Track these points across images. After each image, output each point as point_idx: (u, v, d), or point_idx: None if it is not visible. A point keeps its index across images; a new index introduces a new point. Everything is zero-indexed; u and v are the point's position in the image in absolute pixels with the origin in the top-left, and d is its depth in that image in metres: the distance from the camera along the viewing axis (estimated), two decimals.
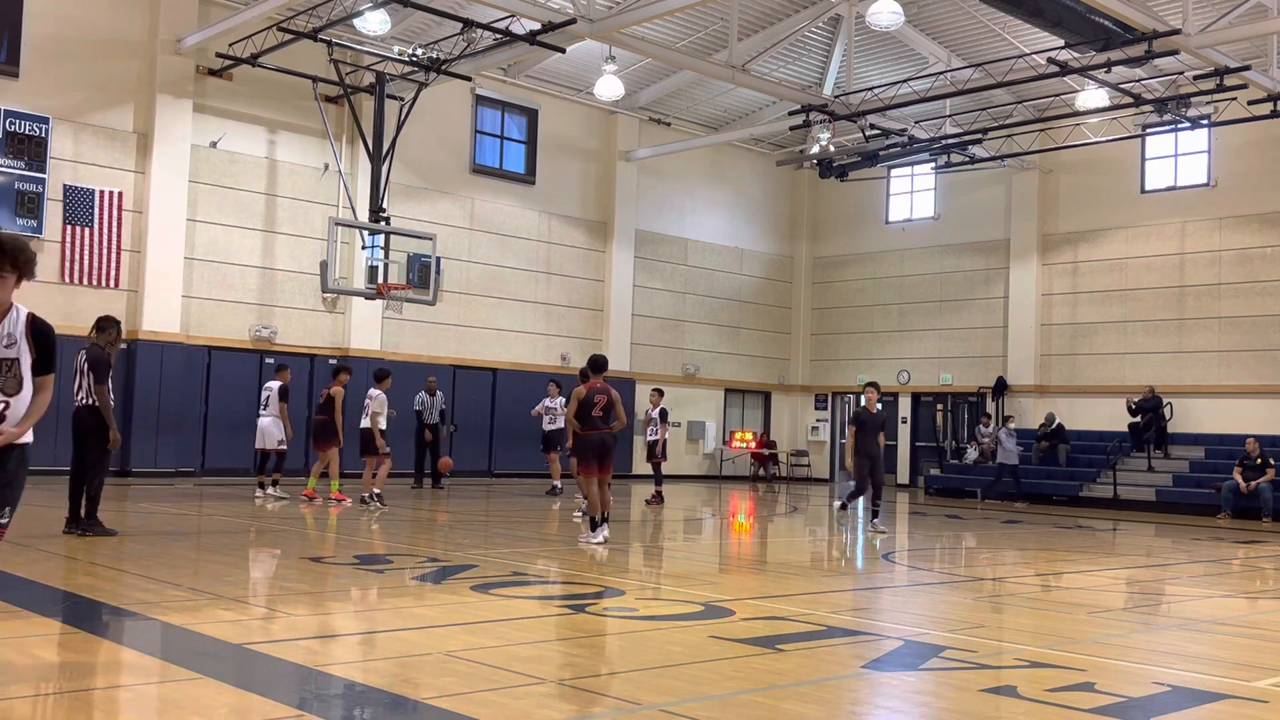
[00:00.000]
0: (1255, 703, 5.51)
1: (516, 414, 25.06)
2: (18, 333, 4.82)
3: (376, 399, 15.97)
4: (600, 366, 12.18)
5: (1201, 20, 19.32)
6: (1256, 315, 23.94)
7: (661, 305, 28.73)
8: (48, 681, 5.22)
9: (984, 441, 26.15)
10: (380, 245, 21.26)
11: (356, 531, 12.91)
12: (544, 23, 19.16)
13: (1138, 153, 25.69)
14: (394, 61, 21.45)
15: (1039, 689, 5.52)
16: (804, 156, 28.34)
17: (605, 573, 9.94)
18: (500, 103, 25.92)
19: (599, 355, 12.38)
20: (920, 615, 8.28)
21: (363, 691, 5.16)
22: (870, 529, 14.86)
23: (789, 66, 25.29)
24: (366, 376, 21.38)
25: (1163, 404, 23.94)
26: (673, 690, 5.29)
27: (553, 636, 6.84)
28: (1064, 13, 17.86)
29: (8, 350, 4.79)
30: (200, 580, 8.63)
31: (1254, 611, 9.56)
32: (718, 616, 7.47)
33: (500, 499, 19.39)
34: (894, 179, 30.15)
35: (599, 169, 27.50)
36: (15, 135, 19.55)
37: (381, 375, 16.30)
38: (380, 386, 16.07)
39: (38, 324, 4.85)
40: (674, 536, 14.75)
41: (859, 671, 5.98)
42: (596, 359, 12.27)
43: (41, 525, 11.37)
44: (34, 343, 4.85)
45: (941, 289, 29.03)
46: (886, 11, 19.83)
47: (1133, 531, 17.59)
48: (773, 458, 30.48)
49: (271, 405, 16.36)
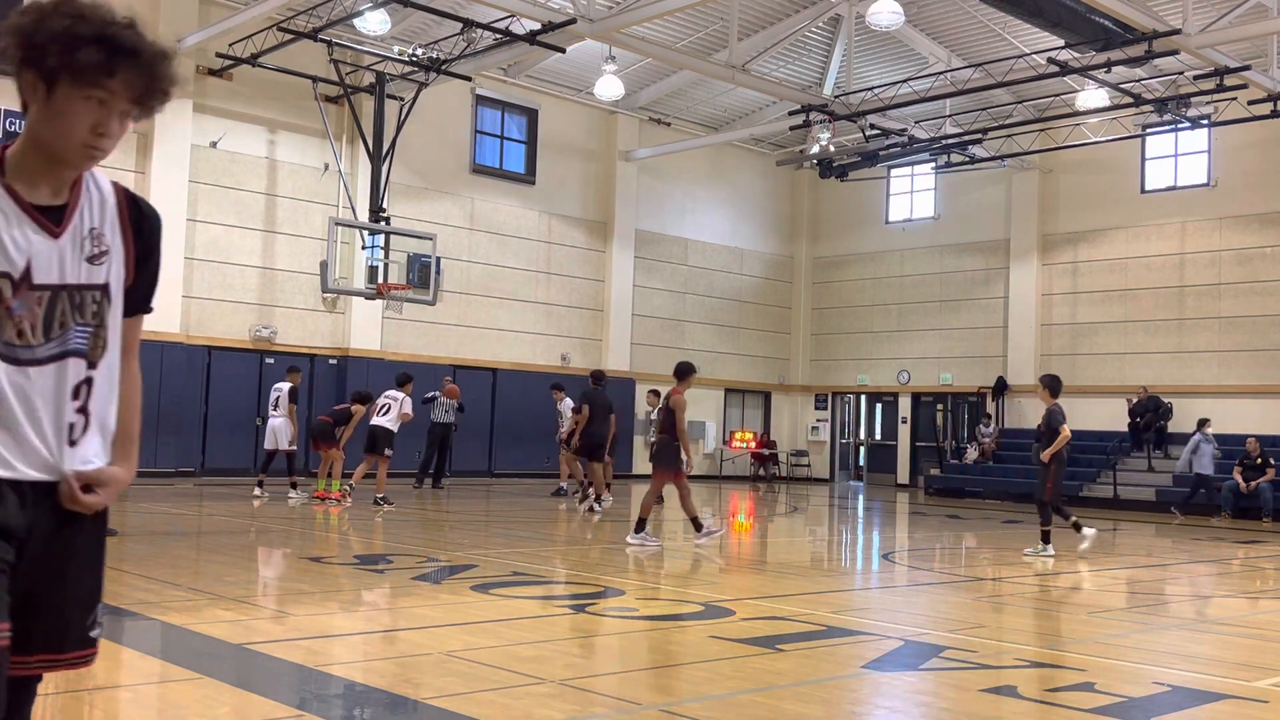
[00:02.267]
0: (1255, 703, 5.51)
1: (517, 414, 25.09)
2: (107, 224, 2.35)
3: (403, 401, 16.00)
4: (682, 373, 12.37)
5: (1201, 20, 19.31)
6: (1256, 315, 23.93)
7: (661, 305, 28.72)
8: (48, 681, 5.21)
9: (984, 441, 26.17)
10: (380, 245, 21.27)
11: (356, 531, 12.91)
12: (544, 23, 19.16)
13: (1138, 153, 25.69)
14: (394, 61, 21.45)
15: (1039, 689, 5.52)
16: (804, 156, 28.34)
17: (605, 573, 9.94)
18: (500, 103, 25.92)
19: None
20: (920, 615, 8.28)
21: (363, 691, 5.16)
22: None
23: (789, 66, 25.29)
24: (367, 377, 21.46)
25: (1161, 404, 23.93)
26: (673, 690, 5.29)
27: (553, 636, 6.84)
28: (1064, 13, 17.85)
29: (95, 265, 2.31)
30: (200, 580, 8.62)
31: (1254, 611, 9.56)
32: (718, 616, 7.47)
33: (500, 499, 19.40)
34: (894, 179, 30.14)
35: (599, 169, 27.50)
36: (15, 135, 19.52)
37: (405, 379, 16.42)
38: (404, 390, 16.16)
39: (139, 206, 2.43)
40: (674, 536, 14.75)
41: (859, 671, 5.98)
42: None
43: None
44: (135, 240, 2.39)
45: (941, 289, 29.02)
46: (886, 11, 19.83)
47: (1133, 531, 17.59)
48: (773, 458, 30.48)
49: (281, 406, 16.43)
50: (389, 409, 15.91)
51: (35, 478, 2.24)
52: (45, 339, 2.23)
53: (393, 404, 15.92)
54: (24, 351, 2.21)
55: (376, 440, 15.85)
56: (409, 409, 16.03)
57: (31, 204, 2.27)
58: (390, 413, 15.88)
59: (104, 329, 2.31)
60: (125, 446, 2.42)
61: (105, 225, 2.35)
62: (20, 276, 2.21)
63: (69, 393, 2.26)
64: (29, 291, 2.22)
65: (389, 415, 15.86)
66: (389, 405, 15.95)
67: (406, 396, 16.07)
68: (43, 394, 2.23)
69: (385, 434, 15.75)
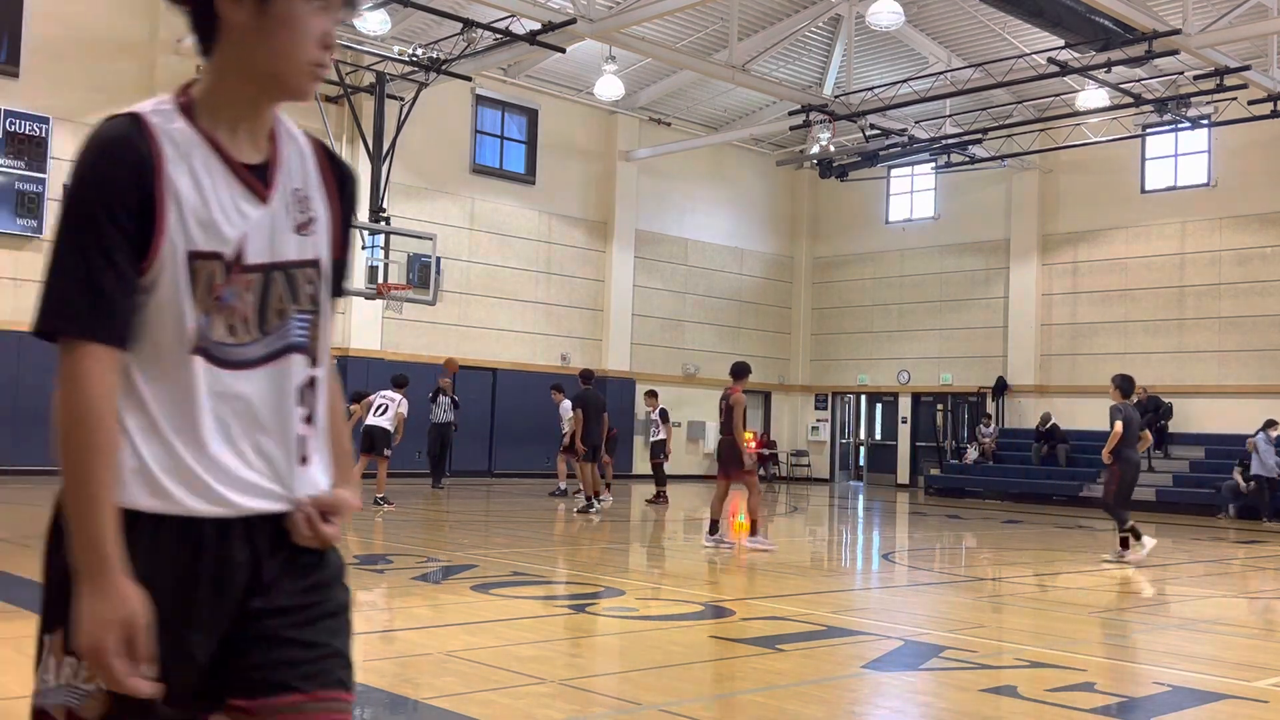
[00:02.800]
0: (1255, 703, 5.51)
1: (517, 414, 25.08)
2: (310, 184, 1.89)
3: (399, 402, 16.01)
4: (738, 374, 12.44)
5: (1201, 20, 19.31)
6: (1256, 315, 23.93)
7: (661, 305, 28.72)
8: None
9: (984, 441, 26.17)
10: (380, 245, 21.26)
11: (357, 531, 12.90)
12: (544, 23, 19.16)
13: (1138, 153, 25.68)
14: (394, 61, 21.44)
15: (1039, 689, 5.51)
16: (804, 156, 28.34)
17: (605, 573, 9.94)
18: (500, 103, 25.91)
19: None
20: (920, 615, 8.28)
21: (363, 691, 5.15)
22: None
23: (789, 66, 25.29)
24: (368, 377, 21.43)
25: (1162, 404, 23.93)
26: (673, 690, 5.29)
27: (553, 636, 6.84)
28: (1064, 13, 17.85)
29: (304, 236, 1.86)
30: None
31: (1254, 611, 9.56)
32: (718, 616, 7.47)
33: (500, 499, 19.39)
34: (894, 179, 30.14)
35: (599, 169, 27.50)
36: (15, 135, 19.55)
37: (401, 381, 16.44)
38: (400, 391, 16.17)
39: (338, 162, 1.95)
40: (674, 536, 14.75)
41: (859, 671, 5.98)
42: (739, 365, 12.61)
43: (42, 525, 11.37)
44: (340, 204, 1.93)
45: (941, 289, 29.02)
46: (886, 11, 19.83)
47: None
48: (773, 458, 30.48)
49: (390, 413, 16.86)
50: (385, 409, 15.92)
51: (256, 509, 1.79)
52: (262, 333, 1.78)
53: (389, 404, 15.93)
54: (236, 351, 1.76)
55: (374, 441, 15.87)
56: (405, 409, 16.04)
57: (239, 161, 1.80)
58: (387, 413, 15.89)
59: (320, 315, 1.87)
60: (344, 463, 1.95)
61: (309, 185, 1.87)
62: (233, 256, 1.76)
63: (294, 398, 1.82)
64: (240, 275, 1.76)
65: (385, 416, 15.87)
66: (385, 405, 15.96)
67: (403, 397, 16.08)
68: (263, 402, 1.79)
69: (383, 434, 15.77)
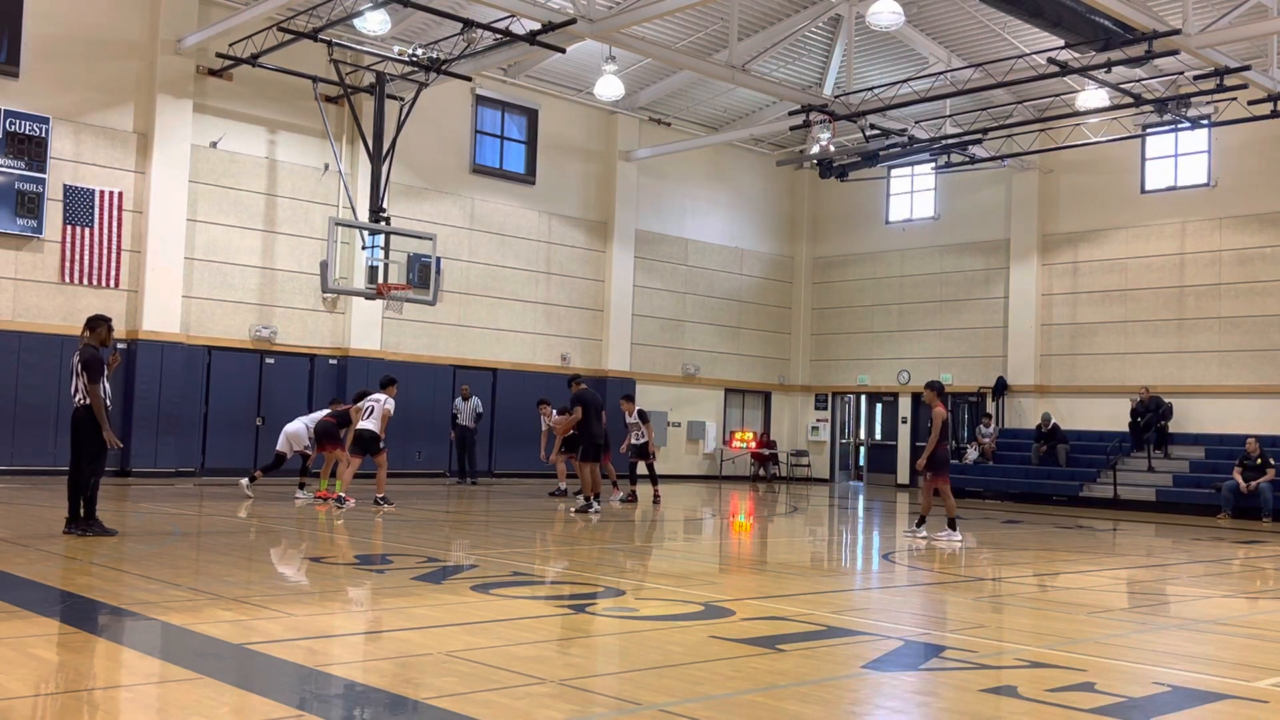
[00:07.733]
0: (1255, 703, 5.51)
1: (517, 414, 25.08)
2: None
3: (385, 403, 16.00)
4: None
5: (1201, 20, 19.31)
6: (1256, 315, 23.93)
7: (661, 305, 28.72)
8: (48, 682, 5.22)
9: (984, 441, 26.17)
10: (380, 245, 21.27)
11: (357, 532, 12.90)
12: (544, 23, 19.16)
13: (1138, 153, 25.69)
14: (394, 61, 21.45)
15: (1039, 689, 5.51)
16: (804, 156, 28.33)
17: (605, 573, 9.94)
18: (500, 103, 25.92)
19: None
20: (920, 615, 8.28)
21: (363, 691, 5.16)
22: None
23: (789, 66, 25.29)
24: (367, 377, 21.42)
25: (1162, 404, 23.93)
26: (673, 690, 5.28)
27: (553, 636, 6.84)
28: (1064, 13, 17.85)
29: None
30: (200, 580, 8.62)
31: (1254, 611, 9.56)
32: (718, 616, 7.47)
33: (500, 499, 19.40)
34: (894, 179, 30.14)
35: (599, 169, 27.50)
36: (15, 135, 19.55)
37: (388, 382, 16.46)
38: (387, 392, 16.17)
39: None
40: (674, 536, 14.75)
41: (859, 671, 5.98)
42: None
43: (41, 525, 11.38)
44: None
45: (941, 289, 29.03)
46: (886, 11, 19.83)
47: (1133, 531, 17.59)
48: (773, 458, 30.48)
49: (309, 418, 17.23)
50: (372, 411, 15.95)
51: None
52: None
53: (375, 405, 15.95)
54: None
55: (364, 444, 15.90)
56: (391, 408, 16.04)
57: None
58: (374, 414, 15.91)
59: None
60: None
61: None
62: None
63: None
64: None
65: (372, 417, 15.90)
66: (372, 407, 15.99)
67: (389, 398, 16.08)
68: None
69: (371, 436, 15.79)
